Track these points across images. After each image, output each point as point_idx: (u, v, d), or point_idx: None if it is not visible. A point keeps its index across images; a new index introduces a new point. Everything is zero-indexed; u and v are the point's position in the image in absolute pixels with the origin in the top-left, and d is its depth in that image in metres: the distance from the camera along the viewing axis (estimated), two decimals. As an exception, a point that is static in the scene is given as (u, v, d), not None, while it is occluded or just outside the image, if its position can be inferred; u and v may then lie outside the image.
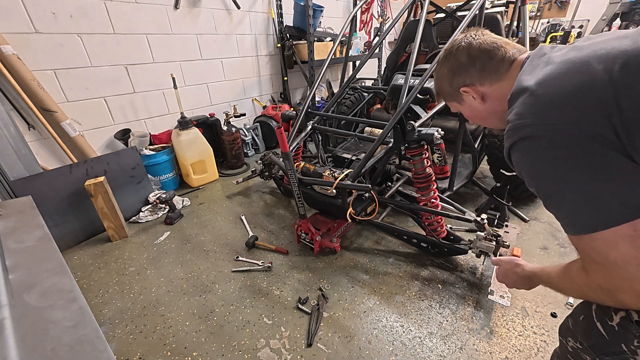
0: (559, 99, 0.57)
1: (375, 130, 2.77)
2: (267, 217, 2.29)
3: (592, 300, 0.67)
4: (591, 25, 4.64)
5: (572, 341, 0.71)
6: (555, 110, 0.57)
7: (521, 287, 0.92)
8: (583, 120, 0.54)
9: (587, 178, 0.56)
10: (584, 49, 0.59)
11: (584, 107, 0.54)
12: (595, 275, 0.61)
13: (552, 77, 0.60)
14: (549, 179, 0.62)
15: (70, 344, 0.65)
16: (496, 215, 1.86)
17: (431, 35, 2.72)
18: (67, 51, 2.20)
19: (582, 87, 0.55)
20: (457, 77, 0.83)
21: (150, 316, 1.49)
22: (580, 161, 0.56)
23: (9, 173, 1.78)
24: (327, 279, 1.68)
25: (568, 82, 0.57)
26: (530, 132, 0.60)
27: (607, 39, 0.59)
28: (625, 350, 0.60)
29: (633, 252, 0.54)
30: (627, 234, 0.54)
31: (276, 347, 1.32)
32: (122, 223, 2.07)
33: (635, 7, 4.19)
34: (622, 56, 0.52)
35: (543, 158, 0.60)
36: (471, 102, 0.84)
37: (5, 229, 1.08)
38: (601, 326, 0.63)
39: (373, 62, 5.11)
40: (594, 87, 0.54)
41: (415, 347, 1.30)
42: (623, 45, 0.54)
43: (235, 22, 3.24)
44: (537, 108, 0.60)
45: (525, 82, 0.64)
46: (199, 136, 2.69)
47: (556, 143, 0.58)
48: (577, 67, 0.57)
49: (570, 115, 0.55)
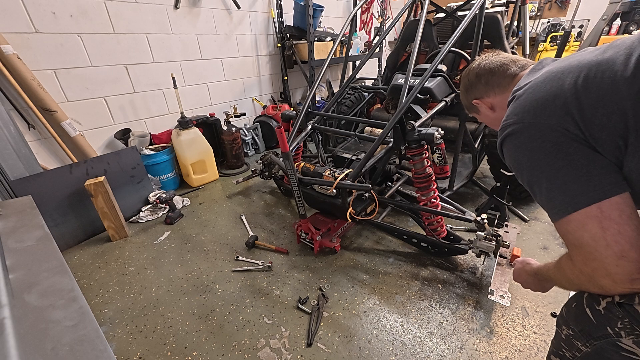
0: (535, 101, 0.69)
1: (375, 130, 2.78)
2: (267, 217, 2.29)
3: (581, 289, 0.71)
4: (591, 25, 4.63)
5: (566, 329, 0.75)
6: (532, 111, 0.69)
7: (533, 287, 0.94)
8: (551, 117, 0.65)
9: (556, 166, 0.65)
10: (566, 61, 0.70)
11: (553, 107, 0.65)
12: (576, 260, 0.67)
13: (534, 84, 0.72)
14: (528, 169, 0.72)
15: (70, 343, 0.65)
16: (496, 215, 1.86)
17: (431, 35, 2.72)
18: (67, 51, 2.20)
19: (552, 92, 0.66)
20: (469, 93, 1.03)
21: (150, 316, 1.49)
22: (550, 152, 0.66)
23: (9, 173, 1.78)
24: (327, 278, 1.68)
25: (543, 88, 0.69)
26: (512, 130, 0.72)
27: (587, 52, 0.69)
28: (610, 333, 0.64)
29: (601, 232, 0.61)
30: (593, 214, 0.62)
31: (276, 347, 1.32)
32: (122, 223, 2.07)
33: (636, 7, 4.19)
34: (587, 66, 0.63)
35: (522, 151, 0.71)
36: (485, 112, 1.01)
37: (5, 229, 1.08)
38: (590, 311, 0.68)
39: (373, 62, 5.11)
40: (561, 92, 0.65)
41: (415, 347, 1.30)
42: (591, 57, 0.64)
43: (235, 22, 3.24)
44: (519, 109, 0.72)
45: (516, 90, 0.78)
46: (199, 136, 2.69)
47: (531, 137, 0.68)
48: (553, 76, 0.69)
49: (542, 114, 0.67)
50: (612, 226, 0.60)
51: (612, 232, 0.60)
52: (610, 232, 0.60)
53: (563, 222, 0.67)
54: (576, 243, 0.65)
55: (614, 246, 0.60)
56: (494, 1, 2.85)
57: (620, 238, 0.59)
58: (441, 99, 1.84)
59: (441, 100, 1.84)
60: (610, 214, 0.60)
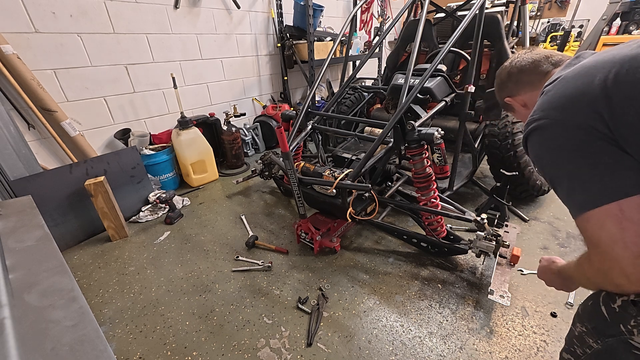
0: (562, 97, 0.67)
1: (375, 130, 2.78)
2: (267, 217, 2.29)
3: (599, 287, 0.70)
4: (591, 25, 4.63)
5: (580, 326, 0.75)
6: (559, 107, 0.67)
7: (557, 286, 0.93)
8: (578, 115, 0.63)
9: (578, 165, 0.64)
10: (601, 55, 0.67)
11: (580, 105, 0.63)
12: (594, 258, 0.66)
13: (563, 79, 0.70)
14: (550, 166, 0.71)
15: (70, 343, 0.65)
16: (496, 215, 1.86)
17: (431, 34, 2.72)
18: (67, 51, 2.20)
19: (581, 88, 0.64)
20: (501, 91, 1.04)
21: (150, 316, 1.49)
22: (573, 151, 0.64)
23: (9, 173, 1.78)
24: (327, 278, 1.68)
25: (573, 84, 0.66)
26: (537, 125, 0.70)
27: (622, 46, 0.66)
28: (623, 331, 0.63)
29: (619, 232, 0.59)
30: (613, 213, 0.60)
31: (276, 347, 1.32)
32: (122, 223, 2.07)
33: (636, 7, 4.19)
34: (620, 62, 0.60)
35: (545, 148, 0.70)
36: (518, 109, 1.01)
37: (5, 229, 1.08)
38: (605, 309, 0.67)
39: (373, 61, 5.10)
40: (590, 89, 0.62)
41: (415, 347, 1.30)
42: (627, 51, 0.61)
43: (235, 22, 3.24)
44: (545, 105, 0.70)
45: (547, 85, 0.76)
46: (199, 136, 2.69)
47: (555, 134, 0.67)
48: (585, 71, 0.66)
49: (569, 111, 0.65)
50: (631, 227, 0.58)
51: (631, 234, 0.58)
52: (629, 233, 0.58)
53: (582, 219, 0.65)
54: (594, 241, 0.64)
55: (632, 247, 0.58)
56: (494, 1, 2.85)
57: (639, 240, 0.58)
58: (441, 99, 1.84)
59: (441, 100, 1.84)
60: (630, 213, 0.58)
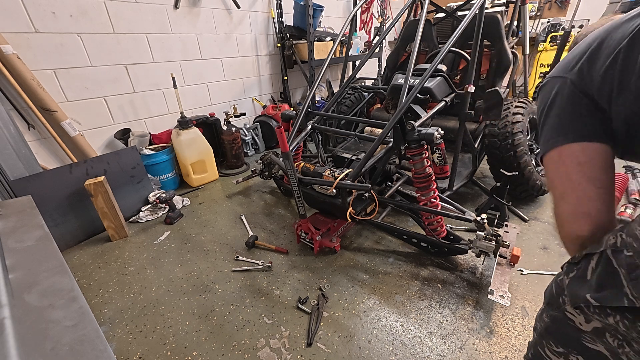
0: (564, 60, 0.71)
1: (375, 130, 2.77)
2: (267, 217, 2.29)
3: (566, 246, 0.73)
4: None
5: (542, 306, 0.78)
6: (559, 67, 0.71)
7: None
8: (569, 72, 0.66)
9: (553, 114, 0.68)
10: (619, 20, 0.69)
11: (572, 64, 0.66)
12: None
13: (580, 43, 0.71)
14: (539, 117, 0.74)
15: (70, 343, 0.65)
16: (496, 215, 1.86)
17: (431, 34, 2.72)
18: (67, 51, 2.20)
19: (578, 50, 0.67)
20: None
21: (150, 316, 1.49)
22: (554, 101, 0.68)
23: (9, 173, 1.78)
24: (327, 278, 1.68)
25: (576, 49, 0.69)
26: (542, 82, 0.76)
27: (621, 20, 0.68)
28: (560, 303, 0.65)
29: (555, 176, 0.64)
30: (553, 159, 0.65)
31: (276, 347, 1.32)
32: (122, 223, 2.07)
33: (636, 7, 4.19)
34: (612, 27, 0.61)
35: (539, 101, 0.75)
36: None
37: (5, 229, 1.07)
38: (553, 283, 0.71)
39: (373, 61, 5.10)
40: (582, 49, 0.65)
41: (415, 347, 1.30)
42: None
43: (235, 22, 3.24)
44: (555, 69, 0.74)
45: None
46: (199, 136, 2.69)
47: (548, 90, 0.71)
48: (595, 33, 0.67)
49: (563, 70, 0.69)
50: (571, 175, 0.61)
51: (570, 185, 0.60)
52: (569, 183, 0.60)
53: (543, 162, 0.70)
54: (548, 185, 0.69)
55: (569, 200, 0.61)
56: (494, 1, 2.85)
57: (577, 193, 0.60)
58: (441, 99, 1.84)
59: (441, 100, 1.84)
60: (566, 160, 0.61)
